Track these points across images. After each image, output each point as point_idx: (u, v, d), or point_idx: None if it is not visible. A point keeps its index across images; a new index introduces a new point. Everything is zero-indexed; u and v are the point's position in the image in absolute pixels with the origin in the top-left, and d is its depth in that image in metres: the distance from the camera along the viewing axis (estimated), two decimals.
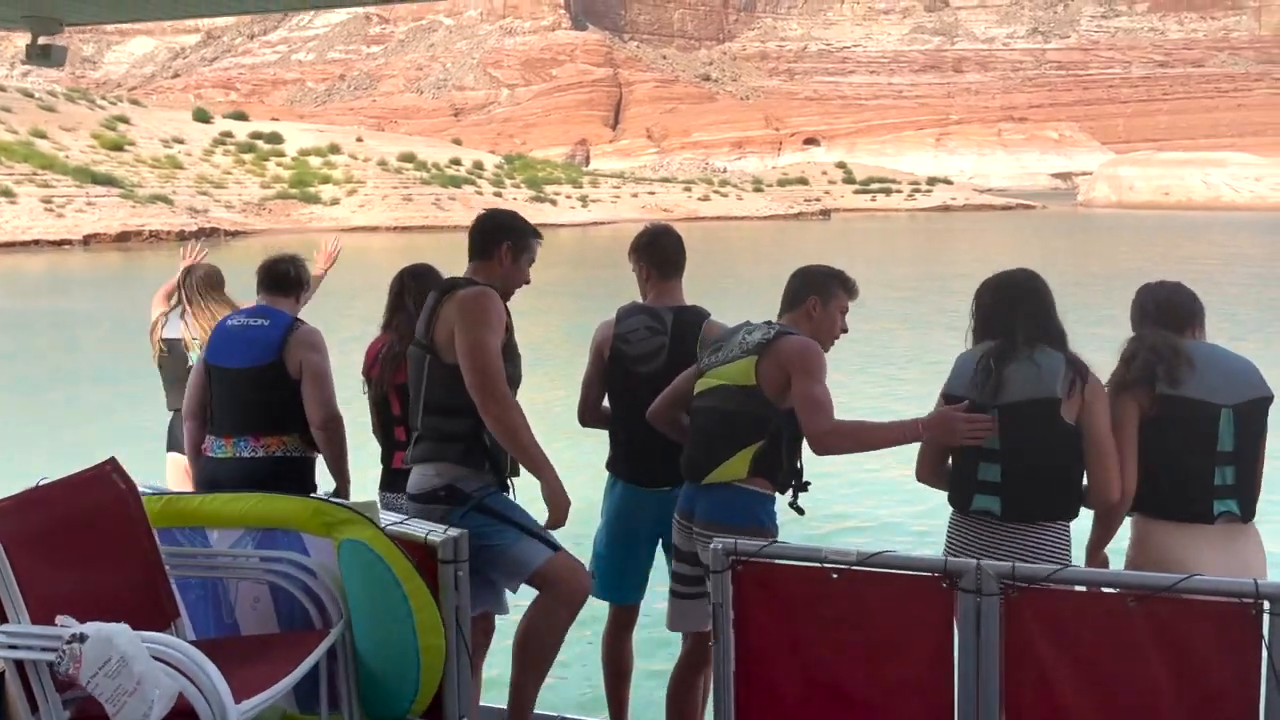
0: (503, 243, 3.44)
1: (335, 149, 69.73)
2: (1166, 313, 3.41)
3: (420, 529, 2.96)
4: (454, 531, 2.93)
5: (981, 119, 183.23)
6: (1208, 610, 2.65)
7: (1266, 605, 2.55)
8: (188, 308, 4.94)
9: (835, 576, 2.84)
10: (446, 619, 2.83)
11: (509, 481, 3.34)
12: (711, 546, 2.95)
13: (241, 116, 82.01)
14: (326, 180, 64.45)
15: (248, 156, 67.05)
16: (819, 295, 3.43)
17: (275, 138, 70.91)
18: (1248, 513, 3.31)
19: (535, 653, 3.22)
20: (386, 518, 2.97)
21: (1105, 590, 2.79)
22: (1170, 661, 2.66)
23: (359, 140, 75.76)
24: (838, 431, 3.17)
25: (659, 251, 3.77)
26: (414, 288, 3.94)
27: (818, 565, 2.87)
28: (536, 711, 3.46)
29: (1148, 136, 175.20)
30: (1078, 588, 2.78)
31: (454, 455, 3.20)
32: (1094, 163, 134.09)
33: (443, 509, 3.14)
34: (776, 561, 2.93)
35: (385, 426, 3.97)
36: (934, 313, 23.92)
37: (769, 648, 2.96)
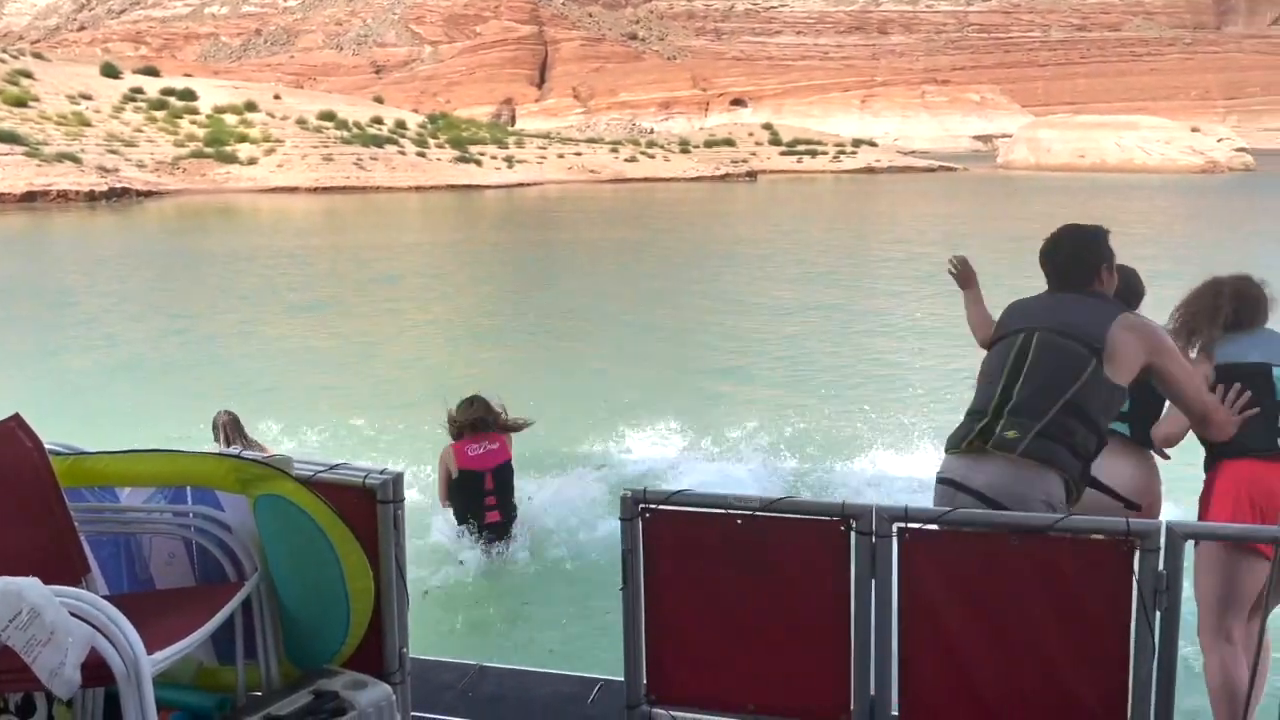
0: (1100, 266, 3.46)
1: (252, 106, 67.73)
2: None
3: (357, 473, 2.94)
4: (390, 472, 2.94)
5: (906, 81, 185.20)
6: (1084, 548, 2.82)
7: (1137, 543, 2.73)
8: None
9: (740, 522, 2.96)
10: (384, 558, 2.86)
11: None
12: (621, 495, 3.04)
13: (153, 72, 79.16)
14: (243, 139, 62.61)
15: (160, 114, 64.78)
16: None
17: (188, 94, 68.62)
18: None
19: None
20: (315, 465, 2.97)
21: (991, 530, 2.95)
22: (1051, 596, 2.83)
23: (276, 98, 73.68)
24: None
25: None
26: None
27: (723, 511, 2.99)
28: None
29: (1066, 99, 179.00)
30: (966, 528, 2.93)
31: (1075, 472, 3.17)
32: (1013, 125, 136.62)
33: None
34: (684, 509, 3.03)
35: (475, 498, 7.06)
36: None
37: (678, 592, 3.07)
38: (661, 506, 3.01)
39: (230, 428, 7.18)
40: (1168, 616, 2.73)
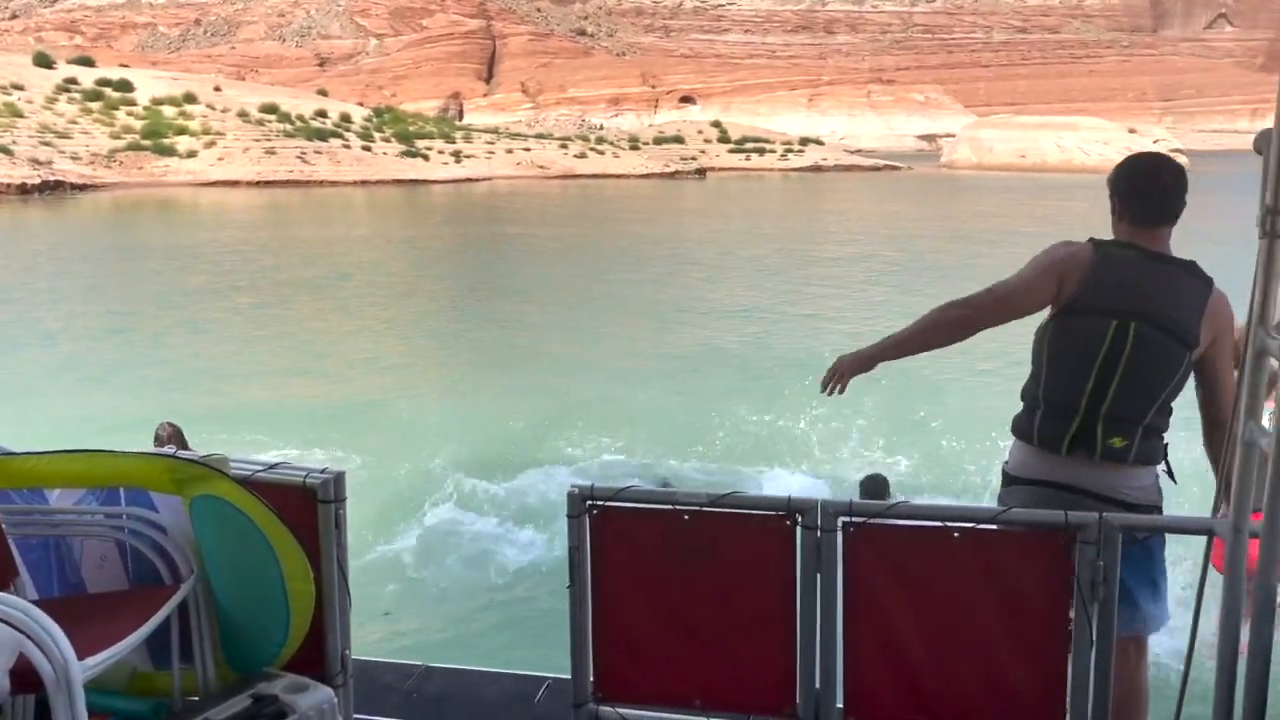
0: (1182, 209, 3.22)
1: (191, 98, 66.39)
2: None
3: (297, 472, 2.87)
4: (332, 472, 2.87)
5: (852, 81, 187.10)
6: (1024, 540, 2.86)
7: (1076, 534, 2.78)
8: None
9: (687, 518, 2.96)
10: (325, 558, 2.81)
11: None
12: (568, 491, 3.02)
13: (88, 62, 77.32)
14: (182, 131, 61.38)
15: (95, 105, 63.25)
16: None
17: (125, 85, 67.06)
18: None
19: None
20: (253, 465, 2.90)
21: (934, 524, 2.97)
22: (992, 588, 2.86)
23: (217, 89, 72.30)
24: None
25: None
26: None
27: (670, 507, 2.98)
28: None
29: (1007, 100, 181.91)
30: (909, 522, 2.95)
31: (1163, 458, 3.19)
32: (956, 125, 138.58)
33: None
34: (631, 505, 3.02)
35: None
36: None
37: (625, 589, 3.06)
38: (609, 503, 2.99)
39: (174, 441, 6.96)
40: (1104, 607, 2.78)
